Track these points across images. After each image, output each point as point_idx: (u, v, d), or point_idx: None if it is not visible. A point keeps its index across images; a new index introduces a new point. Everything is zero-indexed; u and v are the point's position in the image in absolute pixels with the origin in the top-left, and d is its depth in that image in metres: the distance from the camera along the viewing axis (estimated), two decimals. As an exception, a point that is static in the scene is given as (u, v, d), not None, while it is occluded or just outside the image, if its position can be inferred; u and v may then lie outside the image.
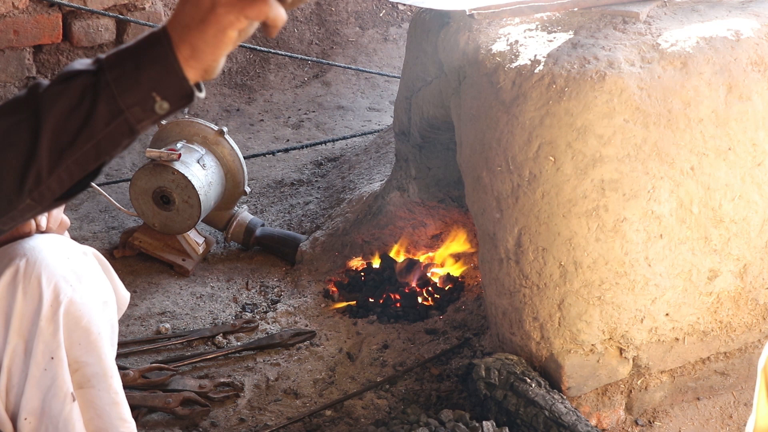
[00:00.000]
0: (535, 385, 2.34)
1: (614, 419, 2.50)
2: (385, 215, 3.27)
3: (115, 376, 1.71)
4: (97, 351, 1.68)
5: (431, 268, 3.17)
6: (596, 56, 2.32)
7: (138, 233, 3.31)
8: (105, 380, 1.69)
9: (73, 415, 1.65)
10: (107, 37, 4.42)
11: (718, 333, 2.51)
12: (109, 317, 1.76)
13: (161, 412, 2.60)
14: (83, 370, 1.67)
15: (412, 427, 2.33)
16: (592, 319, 2.35)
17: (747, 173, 2.40)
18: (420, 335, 2.87)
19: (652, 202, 2.32)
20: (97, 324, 1.69)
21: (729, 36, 2.40)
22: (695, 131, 2.33)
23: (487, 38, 2.52)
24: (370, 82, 4.88)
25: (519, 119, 2.35)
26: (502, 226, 2.41)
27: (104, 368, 1.68)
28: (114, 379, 1.70)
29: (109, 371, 1.69)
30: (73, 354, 1.66)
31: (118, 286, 1.90)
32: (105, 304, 1.74)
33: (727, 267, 2.44)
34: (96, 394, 1.69)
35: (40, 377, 1.61)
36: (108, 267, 1.86)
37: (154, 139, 3.37)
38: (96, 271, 1.78)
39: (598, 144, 2.29)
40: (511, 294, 2.43)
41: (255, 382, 2.72)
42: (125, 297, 1.94)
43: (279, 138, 4.33)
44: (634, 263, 2.33)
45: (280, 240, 3.38)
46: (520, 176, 2.35)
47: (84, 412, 1.68)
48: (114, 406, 1.70)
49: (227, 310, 3.07)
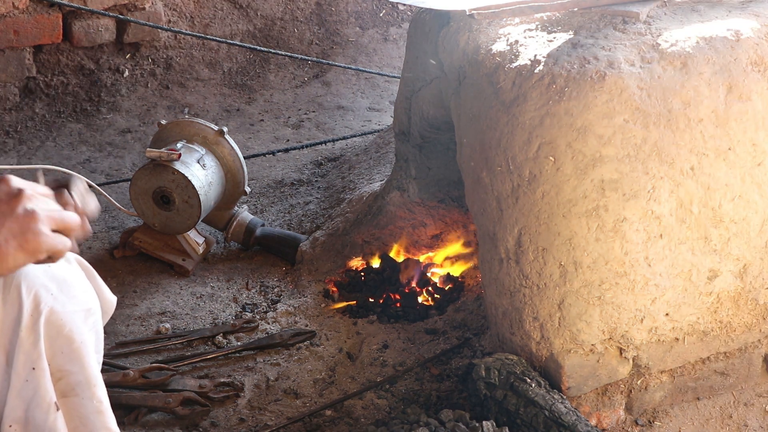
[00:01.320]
0: (535, 385, 2.34)
1: (614, 419, 2.50)
2: (385, 215, 3.27)
3: (99, 384, 1.69)
4: (80, 359, 1.66)
5: (431, 268, 3.17)
6: (596, 56, 2.32)
7: (138, 233, 3.31)
8: (89, 389, 1.67)
9: (58, 425, 1.63)
10: (107, 37, 4.42)
11: (718, 333, 2.51)
12: (93, 324, 1.74)
13: (161, 412, 2.60)
14: (67, 379, 1.66)
15: (412, 427, 2.33)
16: (592, 319, 2.36)
17: (747, 173, 2.40)
18: (420, 335, 2.87)
19: (652, 202, 2.32)
20: (80, 332, 1.67)
21: (729, 36, 2.40)
22: (695, 131, 2.33)
23: (487, 38, 2.52)
24: (370, 82, 4.88)
25: (519, 119, 2.35)
26: (502, 226, 2.41)
27: (88, 377, 1.67)
28: (98, 388, 1.68)
29: (93, 380, 1.68)
30: (56, 363, 1.64)
31: (103, 291, 1.88)
32: (88, 312, 1.72)
33: (727, 267, 2.44)
34: (80, 402, 1.67)
35: (22, 388, 1.60)
36: (92, 273, 1.84)
37: (154, 139, 3.37)
38: (79, 278, 1.76)
39: (598, 144, 2.29)
40: (511, 294, 2.43)
41: (255, 382, 2.72)
42: (111, 301, 1.92)
43: (279, 138, 4.34)
44: (634, 263, 2.33)
45: (280, 240, 3.38)
46: (520, 176, 2.35)
47: (69, 421, 1.66)
48: (98, 415, 1.68)
49: (227, 310, 3.07)
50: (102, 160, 4.08)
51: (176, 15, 4.71)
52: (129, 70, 4.55)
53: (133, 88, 4.55)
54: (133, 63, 4.56)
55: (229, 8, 4.87)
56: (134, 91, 4.55)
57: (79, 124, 4.30)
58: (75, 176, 1.59)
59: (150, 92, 4.58)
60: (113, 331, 2.95)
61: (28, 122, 4.26)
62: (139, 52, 4.58)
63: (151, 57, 4.62)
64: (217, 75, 4.77)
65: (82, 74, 4.43)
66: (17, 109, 4.28)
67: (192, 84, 4.68)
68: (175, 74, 4.68)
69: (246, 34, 4.92)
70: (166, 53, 4.67)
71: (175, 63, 4.69)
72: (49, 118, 4.31)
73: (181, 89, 4.64)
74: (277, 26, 5.01)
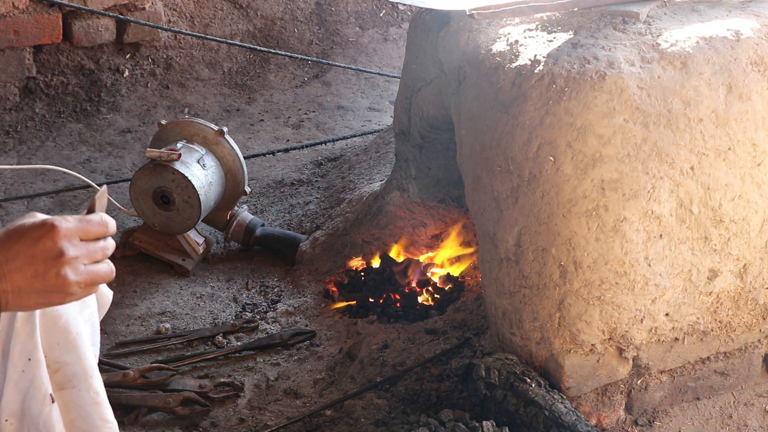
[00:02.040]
0: (535, 385, 2.34)
1: (614, 419, 2.50)
2: (385, 215, 3.27)
3: (95, 376, 1.70)
4: (76, 351, 1.67)
5: (431, 268, 3.17)
6: (596, 56, 2.32)
7: (138, 233, 3.31)
8: (85, 380, 1.68)
9: (53, 417, 1.64)
10: (107, 37, 4.42)
11: (718, 333, 2.51)
12: (89, 316, 1.75)
13: (161, 412, 2.60)
14: (63, 370, 1.66)
15: (412, 427, 2.33)
16: (592, 319, 2.35)
17: (747, 173, 2.40)
18: (420, 335, 2.87)
19: (652, 202, 2.32)
20: (76, 324, 1.68)
21: (729, 36, 2.40)
22: (695, 131, 2.33)
23: (487, 38, 2.52)
24: (370, 82, 4.88)
25: (519, 119, 2.35)
26: (501, 226, 2.41)
27: (84, 368, 1.67)
28: (94, 379, 1.69)
29: (89, 371, 1.68)
30: (52, 355, 1.65)
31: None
32: (84, 304, 1.73)
33: (727, 267, 2.44)
34: (77, 394, 1.68)
35: (18, 379, 1.60)
36: None
37: (155, 139, 3.37)
38: None
39: (598, 144, 2.29)
40: (511, 294, 2.43)
41: (255, 382, 2.72)
42: (107, 295, 1.92)
43: (279, 138, 4.34)
44: (634, 263, 2.33)
45: (280, 240, 3.38)
46: (520, 176, 2.35)
47: (66, 413, 1.67)
48: (95, 407, 1.69)
49: (227, 310, 3.07)
50: (102, 160, 4.08)
51: (176, 15, 4.71)
52: (129, 70, 4.55)
53: (133, 88, 4.55)
54: (133, 63, 4.56)
55: (229, 8, 4.87)
56: (134, 91, 4.55)
57: (79, 124, 4.30)
58: (101, 192, 1.57)
59: (150, 92, 4.58)
60: (113, 331, 2.95)
61: (28, 122, 4.26)
62: (139, 52, 4.58)
63: (151, 57, 4.62)
64: (217, 75, 4.78)
65: (82, 74, 4.43)
66: (17, 109, 4.28)
67: (192, 84, 4.68)
68: (175, 74, 4.68)
69: (246, 34, 4.92)
70: (166, 53, 4.67)
71: (175, 63, 4.69)
72: (49, 118, 4.31)
73: (181, 89, 4.64)
74: (277, 26, 5.01)
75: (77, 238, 1.35)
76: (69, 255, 1.32)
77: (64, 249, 1.32)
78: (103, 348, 2.82)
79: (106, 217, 1.41)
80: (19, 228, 1.33)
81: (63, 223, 1.33)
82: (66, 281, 1.33)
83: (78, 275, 1.34)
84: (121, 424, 2.52)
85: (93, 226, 1.37)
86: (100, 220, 1.38)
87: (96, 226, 1.38)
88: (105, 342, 2.86)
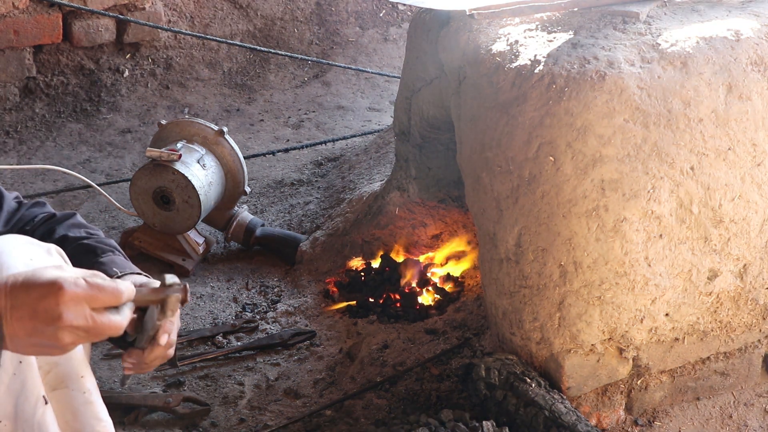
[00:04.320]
0: (534, 385, 2.34)
1: (614, 419, 2.50)
2: (385, 215, 3.27)
3: (87, 375, 1.70)
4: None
5: (431, 268, 3.17)
6: (596, 56, 2.32)
7: (138, 233, 3.31)
8: (77, 380, 1.68)
9: (47, 419, 1.63)
10: (107, 37, 4.42)
11: (718, 333, 2.51)
12: None
13: (161, 412, 2.60)
14: (55, 371, 1.66)
15: (412, 427, 2.33)
16: (592, 319, 2.35)
17: (747, 173, 2.40)
18: (420, 335, 2.87)
19: (652, 202, 2.32)
20: None
21: (729, 36, 2.40)
22: (695, 131, 2.33)
23: (487, 38, 2.52)
24: (370, 82, 4.88)
25: (519, 119, 2.35)
26: (501, 226, 2.41)
27: (74, 368, 1.67)
28: (86, 379, 1.69)
29: (80, 371, 1.69)
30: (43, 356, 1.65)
31: None
32: None
33: (727, 267, 2.44)
34: (70, 394, 1.68)
35: (10, 382, 1.60)
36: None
37: (155, 139, 3.37)
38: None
39: (598, 144, 2.29)
40: (511, 294, 2.43)
41: (255, 382, 2.72)
42: None
43: (279, 138, 4.34)
44: (634, 263, 2.33)
45: (280, 240, 3.38)
46: (520, 176, 2.35)
47: (61, 414, 1.67)
48: (88, 406, 1.69)
49: (227, 310, 3.07)
50: (102, 160, 4.08)
51: (176, 15, 4.71)
52: (129, 70, 4.56)
53: (133, 88, 4.55)
54: (133, 63, 4.56)
55: (229, 8, 4.87)
56: (134, 91, 4.55)
57: (79, 124, 4.30)
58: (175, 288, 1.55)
59: (150, 92, 4.58)
60: (113, 331, 2.94)
61: (28, 122, 4.27)
62: (139, 52, 4.58)
63: (151, 57, 4.63)
64: (217, 75, 4.78)
65: (82, 74, 4.43)
66: (17, 109, 4.28)
67: (192, 84, 4.68)
68: (175, 74, 4.69)
69: (246, 34, 4.93)
70: (166, 53, 4.67)
71: (175, 63, 4.69)
72: (49, 118, 4.31)
73: (181, 89, 4.64)
74: (277, 26, 5.01)
75: (83, 305, 1.34)
76: (66, 322, 1.32)
77: (64, 315, 1.32)
78: (103, 348, 2.82)
79: (124, 286, 1.38)
80: (32, 278, 1.33)
81: (71, 286, 1.33)
82: (62, 342, 1.34)
83: (75, 337, 1.35)
84: (121, 424, 2.52)
85: (104, 294, 1.36)
86: (115, 289, 1.36)
87: (107, 294, 1.36)
88: (104, 342, 2.86)
